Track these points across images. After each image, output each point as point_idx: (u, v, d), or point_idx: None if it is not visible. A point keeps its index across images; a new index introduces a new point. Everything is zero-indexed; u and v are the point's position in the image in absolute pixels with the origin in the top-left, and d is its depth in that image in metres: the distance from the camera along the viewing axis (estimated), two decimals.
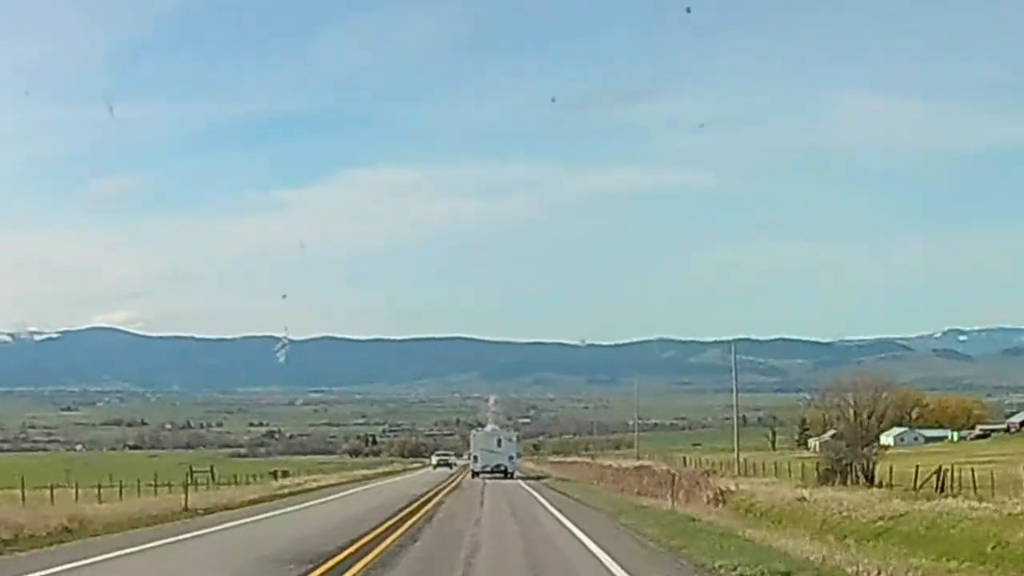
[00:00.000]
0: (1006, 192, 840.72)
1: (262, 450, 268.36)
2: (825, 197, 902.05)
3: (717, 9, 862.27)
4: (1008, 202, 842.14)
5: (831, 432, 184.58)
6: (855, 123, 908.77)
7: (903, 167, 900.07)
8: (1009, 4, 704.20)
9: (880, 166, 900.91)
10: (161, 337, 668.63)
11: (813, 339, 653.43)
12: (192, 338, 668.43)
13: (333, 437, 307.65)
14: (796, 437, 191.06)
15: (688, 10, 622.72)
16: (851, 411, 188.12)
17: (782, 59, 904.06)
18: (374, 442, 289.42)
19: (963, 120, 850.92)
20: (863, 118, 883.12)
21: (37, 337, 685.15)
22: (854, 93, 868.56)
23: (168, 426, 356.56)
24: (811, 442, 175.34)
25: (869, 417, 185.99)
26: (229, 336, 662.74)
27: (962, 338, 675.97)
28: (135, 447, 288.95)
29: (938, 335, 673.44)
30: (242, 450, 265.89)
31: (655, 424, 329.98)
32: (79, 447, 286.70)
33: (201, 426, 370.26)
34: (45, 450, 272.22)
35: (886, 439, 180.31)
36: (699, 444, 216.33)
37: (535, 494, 57.83)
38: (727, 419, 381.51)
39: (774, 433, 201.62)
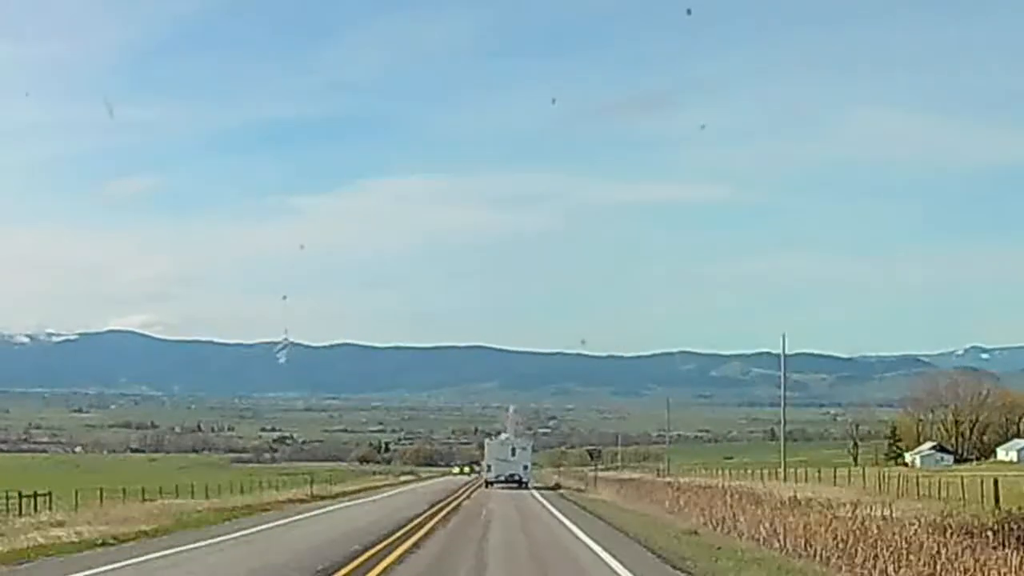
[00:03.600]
0: None
1: (267, 456, 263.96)
2: (847, 211, 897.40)
3: (735, 22, 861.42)
4: None
5: (930, 444, 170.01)
6: (878, 137, 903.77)
7: (925, 181, 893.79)
8: None
9: (902, 180, 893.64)
10: (179, 341, 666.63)
11: (834, 354, 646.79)
12: (210, 342, 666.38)
13: (345, 443, 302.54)
14: (885, 452, 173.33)
15: (688, 11, 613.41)
16: (951, 419, 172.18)
17: (802, 71, 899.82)
18: (386, 449, 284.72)
19: (987, 134, 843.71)
20: (886, 131, 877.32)
21: (55, 339, 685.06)
22: (876, 106, 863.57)
23: (178, 429, 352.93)
24: (908, 456, 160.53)
25: (972, 427, 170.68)
26: (247, 341, 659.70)
27: (984, 356, 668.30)
28: (137, 450, 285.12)
29: (960, 352, 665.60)
30: (246, 455, 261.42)
31: (679, 436, 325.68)
32: (78, 449, 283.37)
33: (212, 430, 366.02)
34: (44, 452, 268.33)
35: (1004, 454, 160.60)
36: (731, 457, 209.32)
37: None
38: (752, 432, 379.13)
39: (856, 445, 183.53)
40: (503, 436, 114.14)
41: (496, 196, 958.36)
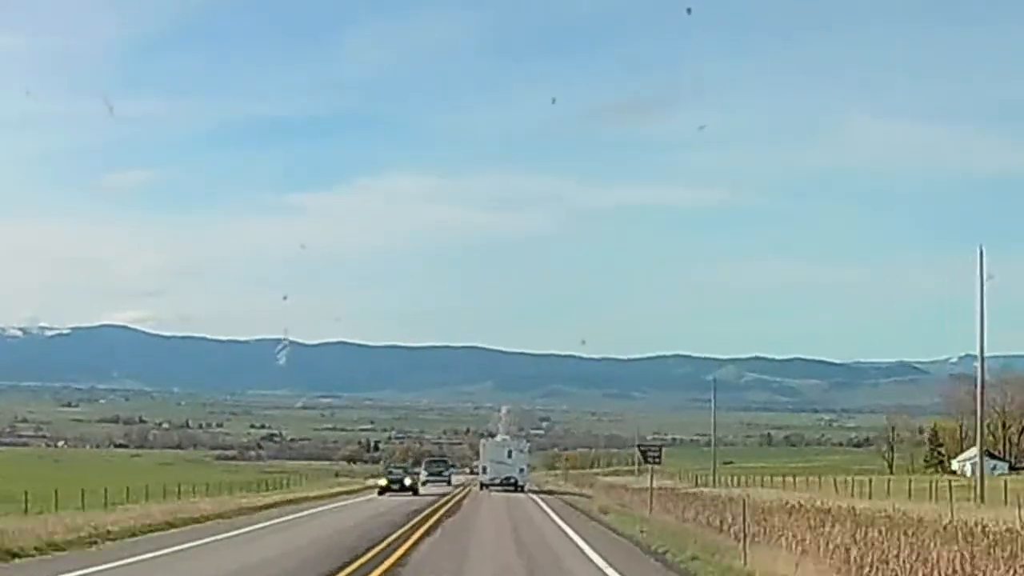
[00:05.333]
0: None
1: (252, 453, 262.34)
2: (844, 217, 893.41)
3: (735, 26, 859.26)
4: None
5: (975, 450, 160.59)
6: (876, 143, 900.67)
7: (923, 190, 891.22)
8: None
9: (900, 188, 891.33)
10: (173, 336, 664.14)
11: (829, 360, 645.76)
12: (204, 338, 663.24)
13: (335, 442, 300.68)
14: (925, 458, 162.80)
15: (688, 11, 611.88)
16: (999, 423, 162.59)
17: (803, 76, 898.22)
18: (376, 448, 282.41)
19: (981, 144, 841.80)
20: (884, 138, 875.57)
21: (48, 332, 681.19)
22: (873, 115, 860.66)
23: (165, 425, 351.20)
24: (956, 463, 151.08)
25: (1021, 432, 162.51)
26: (241, 337, 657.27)
27: (979, 364, 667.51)
28: (121, 445, 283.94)
29: (955, 360, 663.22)
30: (231, 452, 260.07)
31: (674, 439, 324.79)
32: (60, 443, 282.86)
33: (200, 426, 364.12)
34: (26, 445, 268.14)
35: None
36: (731, 462, 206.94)
37: None
38: (749, 436, 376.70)
39: (892, 449, 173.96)
40: (499, 437, 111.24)
41: (493, 196, 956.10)
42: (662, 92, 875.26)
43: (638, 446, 56.22)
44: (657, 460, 52.16)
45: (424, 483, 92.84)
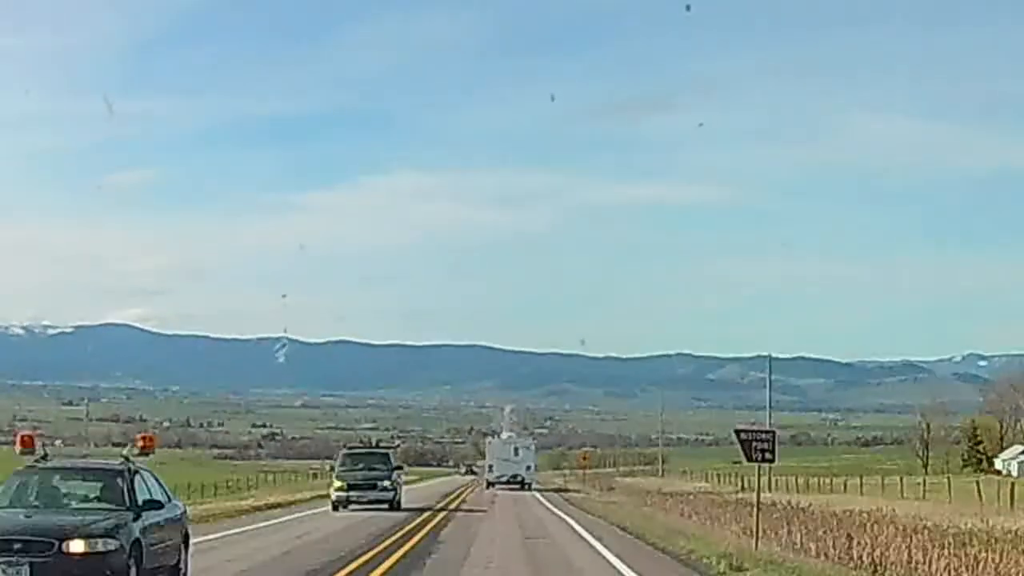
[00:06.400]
0: None
1: (251, 452, 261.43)
2: (847, 216, 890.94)
3: (735, 23, 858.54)
4: None
5: (1020, 448, 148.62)
6: (877, 141, 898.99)
7: (926, 188, 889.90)
8: None
9: (903, 187, 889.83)
10: (175, 335, 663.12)
11: (833, 359, 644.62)
12: (207, 337, 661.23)
13: (336, 441, 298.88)
14: (963, 456, 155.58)
15: (688, 7, 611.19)
16: None
17: (803, 74, 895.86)
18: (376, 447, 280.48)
19: (987, 140, 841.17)
20: (886, 136, 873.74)
21: (51, 331, 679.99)
22: (877, 113, 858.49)
23: (166, 424, 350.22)
24: (999, 462, 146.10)
25: None
26: (244, 336, 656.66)
27: (982, 363, 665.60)
28: (119, 444, 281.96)
29: (958, 359, 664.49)
30: (230, 451, 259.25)
31: (679, 439, 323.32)
32: (58, 442, 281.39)
33: (201, 425, 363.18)
34: None
35: None
36: (738, 462, 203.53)
37: None
38: None
39: (927, 447, 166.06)
40: (505, 435, 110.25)
41: (494, 195, 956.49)
42: (663, 90, 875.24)
43: (736, 431, 33.01)
44: (770, 457, 32.71)
45: (339, 504, 51.82)
